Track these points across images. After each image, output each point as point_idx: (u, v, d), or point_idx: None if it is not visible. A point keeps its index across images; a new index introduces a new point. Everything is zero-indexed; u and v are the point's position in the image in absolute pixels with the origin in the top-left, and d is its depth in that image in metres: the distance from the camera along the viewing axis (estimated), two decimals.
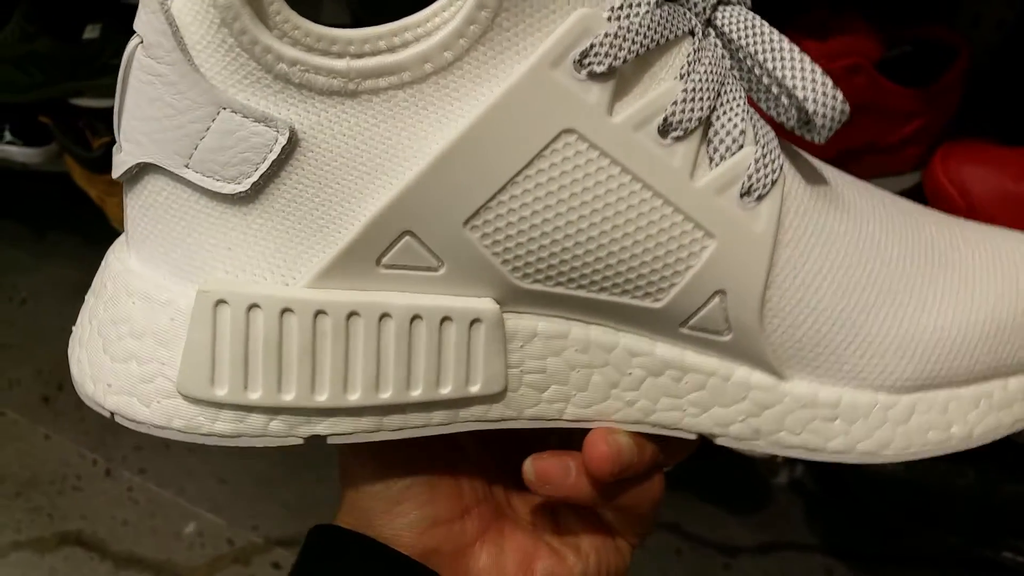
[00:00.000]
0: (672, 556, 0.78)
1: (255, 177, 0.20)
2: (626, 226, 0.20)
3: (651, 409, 0.23)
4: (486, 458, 0.26)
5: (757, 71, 0.21)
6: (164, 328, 0.21)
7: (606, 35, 0.19)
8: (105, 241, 0.24)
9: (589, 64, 0.19)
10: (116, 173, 0.21)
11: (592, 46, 0.19)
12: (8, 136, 0.91)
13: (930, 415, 0.23)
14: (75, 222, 1.02)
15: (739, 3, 0.22)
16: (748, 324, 0.21)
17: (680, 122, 0.20)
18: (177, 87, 0.19)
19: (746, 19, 0.21)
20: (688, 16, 0.21)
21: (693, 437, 0.23)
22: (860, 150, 0.56)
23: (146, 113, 0.20)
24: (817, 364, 0.22)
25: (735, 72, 0.22)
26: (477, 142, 0.19)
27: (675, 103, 0.20)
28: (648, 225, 0.20)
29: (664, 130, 0.20)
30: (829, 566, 0.78)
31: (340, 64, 0.19)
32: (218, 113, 0.19)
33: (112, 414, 0.22)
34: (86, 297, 0.23)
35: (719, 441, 0.23)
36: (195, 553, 0.83)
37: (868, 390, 0.22)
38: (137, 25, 0.20)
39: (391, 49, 0.20)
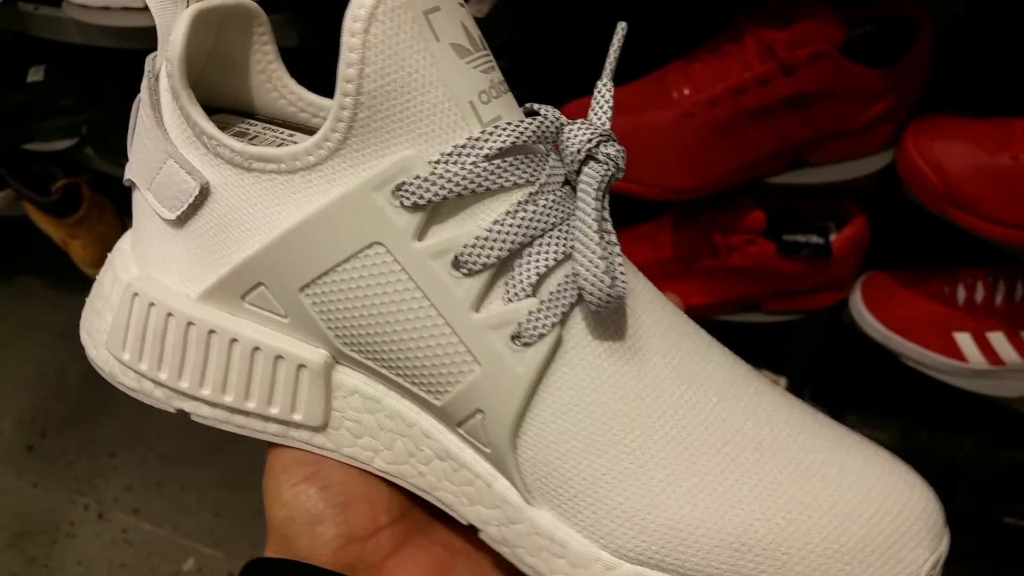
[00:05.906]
0: None
1: (179, 211, 0.26)
2: (412, 331, 0.24)
3: (436, 486, 0.26)
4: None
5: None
6: (115, 300, 0.28)
7: (417, 177, 0.23)
8: (74, 282, 0.28)
9: (401, 196, 0.23)
10: (125, 178, 0.29)
11: (405, 183, 0.23)
12: None
13: None
14: (42, 264, 0.97)
15: (605, 160, 0.24)
16: (501, 447, 0.24)
17: (468, 261, 0.23)
18: (150, 133, 0.27)
19: (591, 182, 0.23)
20: (539, 168, 0.24)
21: (465, 523, 0.26)
22: (830, 135, 0.54)
23: (136, 145, 0.28)
24: (558, 503, 0.24)
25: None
26: (310, 231, 0.24)
27: (466, 245, 0.23)
28: (429, 337, 0.24)
29: (456, 264, 0.23)
30: None
31: (238, 145, 0.25)
32: (167, 160, 0.26)
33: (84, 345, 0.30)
34: None
35: (480, 536, 0.26)
36: None
37: (595, 545, 0.24)
38: (142, 86, 0.27)
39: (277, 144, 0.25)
